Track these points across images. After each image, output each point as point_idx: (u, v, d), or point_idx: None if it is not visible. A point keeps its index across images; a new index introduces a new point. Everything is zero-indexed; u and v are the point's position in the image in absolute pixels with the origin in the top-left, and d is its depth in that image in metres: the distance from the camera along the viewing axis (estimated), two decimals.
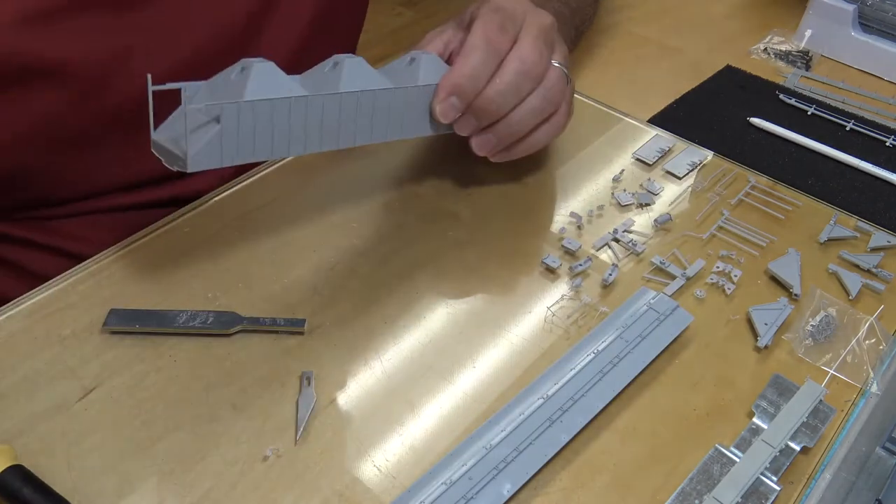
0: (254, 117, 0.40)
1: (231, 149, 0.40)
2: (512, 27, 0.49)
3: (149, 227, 0.52)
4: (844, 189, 0.60)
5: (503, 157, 0.53)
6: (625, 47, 0.76)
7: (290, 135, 0.42)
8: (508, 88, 0.48)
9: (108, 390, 0.42)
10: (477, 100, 0.48)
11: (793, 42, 0.78)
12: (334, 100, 0.43)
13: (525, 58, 0.48)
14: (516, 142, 0.52)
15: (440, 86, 0.48)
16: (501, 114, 0.49)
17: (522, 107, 0.50)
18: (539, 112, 0.51)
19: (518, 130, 0.51)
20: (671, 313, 0.46)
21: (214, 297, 0.48)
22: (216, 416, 0.41)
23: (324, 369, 0.44)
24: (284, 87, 0.41)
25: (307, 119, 0.43)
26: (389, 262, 0.51)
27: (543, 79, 0.50)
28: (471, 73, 0.47)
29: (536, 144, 0.53)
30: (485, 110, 0.49)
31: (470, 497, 0.37)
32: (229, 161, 0.40)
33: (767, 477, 0.40)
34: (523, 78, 0.48)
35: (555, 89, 0.50)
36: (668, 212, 0.56)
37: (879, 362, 0.47)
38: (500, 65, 0.48)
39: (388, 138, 0.48)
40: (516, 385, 0.44)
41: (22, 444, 0.39)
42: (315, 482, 0.39)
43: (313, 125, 0.43)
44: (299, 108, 0.42)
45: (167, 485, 0.38)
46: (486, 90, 0.48)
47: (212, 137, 0.39)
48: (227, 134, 0.39)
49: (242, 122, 0.40)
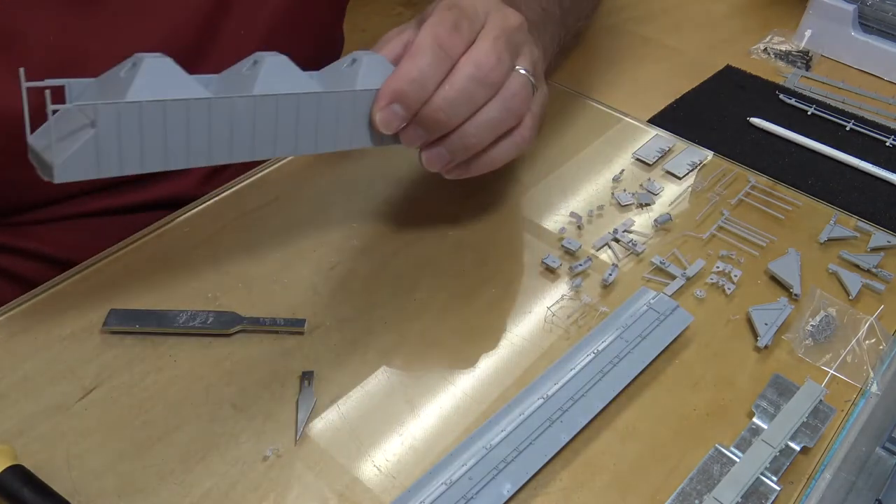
0: (140, 121, 0.34)
1: (111, 157, 0.34)
2: (469, 27, 0.44)
3: (148, 228, 0.52)
4: (844, 189, 0.60)
5: (458, 175, 0.47)
6: (625, 47, 0.76)
7: (189, 143, 0.36)
8: (460, 96, 0.42)
9: (108, 390, 0.42)
10: (424, 108, 0.42)
11: (793, 42, 0.78)
12: (246, 104, 0.37)
13: (480, 62, 0.43)
14: (472, 157, 0.46)
15: (381, 91, 0.42)
16: (453, 125, 0.43)
17: (478, 118, 0.44)
18: (497, 124, 0.45)
19: (473, 144, 0.45)
20: (671, 313, 0.46)
21: (214, 297, 0.48)
22: (216, 416, 0.41)
23: (324, 369, 0.44)
24: (183, 87, 0.35)
25: (212, 125, 0.36)
26: (389, 262, 0.51)
27: (502, 87, 0.44)
28: (416, 77, 0.41)
29: (496, 161, 0.47)
30: (433, 120, 0.43)
31: (470, 497, 0.37)
32: (110, 171, 0.34)
33: (767, 477, 0.40)
34: (477, 85, 0.43)
35: (516, 99, 0.44)
36: (668, 212, 0.56)
37: (879, 362, 0.47)
38: (451, 69, 0.43)
39: (320, 150, 0.42)
40: (516, 385, 0.44)
41: (22, 444, 0.39)
42: (315, 482, 0.39)
43: (220, 133, 0.37)
44: (200, 112, 0.36)
45: (167, 485, 0.38)
46: (433, 98, 0.42)
47: (84, 143, 0.33)
48: (105, 140, 0.33)
49: (125, 127, 0.34)
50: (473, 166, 0.47)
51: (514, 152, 0.47)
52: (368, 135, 0.43)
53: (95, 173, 0.34)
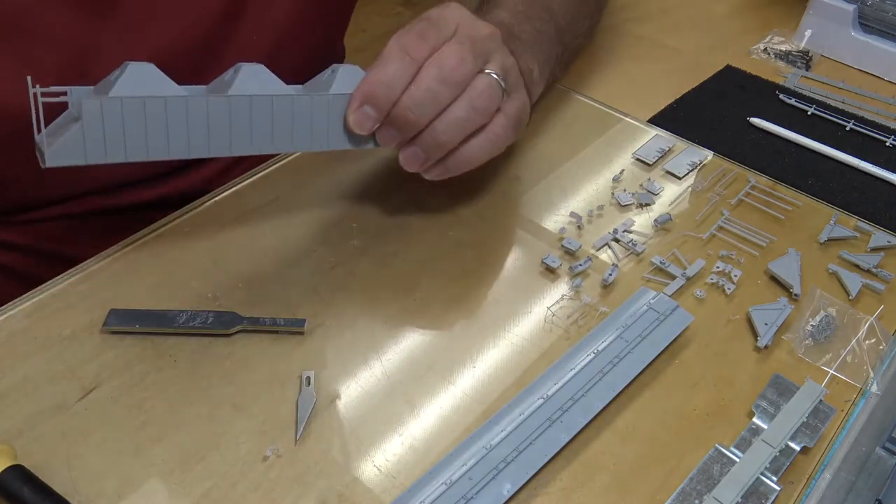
0: (122, 115, 0.38)
1: (96, 147, 0.39)
2: (435, 35, 0.47)
3: (148, 228, 0.52)
4: (844, 189, 0.60)
5: (438, 174, 0.49)
6: (625, 47, 0.76)
7: (168, 137, 0.40)
8: (425, 95, 0.45)
9: (108, 390, 0.42)
10: (394, 109, 0.45)
11: (793, 42, 0.78)
12: (221, 103, 0.41)
13: (443, 63, 0.45)
14: (447, 156, 0.48)
15: (353, 95, 0.45)
16: (422, 123, 0.46)
17: (446, 116, 0.46)
18: (465, 122, 0.47)
19: (444, 142, 0.47)
20: (671, 313, 0.46)
21: (214, 297, 0.48)
22: (216, 416, 0.41)
23: (324, 369, 0.44)
24: (163, 87, 0.40)
25: (189, 122, 0.41)
26: (389, 262, 0.51)
27: (468, 86, 0.47)
28: (384, 80, 0.45)
29: (472, 159, 0.49)
30: (403, 119, 0.46)
31: (470, 497, 0.37)
32: (96, 159, 0.39)
33: (767, 477, 0.40)
34: (440, 83, 0.45)
35: (482, 97, 0.47)
36: (668, 212, 0.56)
37: (879, 362, 0.47)
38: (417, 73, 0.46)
39: (298, 149, 0.46)
40: (516, 385, 0.44)
41: (22, 444, 0.39)
42: (315, 482, 0.39)
43: (197, 128, 0.41)
44: (177, 109, 0.40)
45: (167, 485, 0.38)
46: (402, 98, 0.45)
47: (71, 134, 0.38)
48: (90, 131, 0.38)
49: (109, 120, 0.38)
50: (451, 165, 0.49)
51: (488, 150, 0.49)
52: (346, 137, 0.47)
53: (83, 160, 0.39)
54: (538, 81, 0.57)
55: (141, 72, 0.39)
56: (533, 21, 0.59)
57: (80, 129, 0.38)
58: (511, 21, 0.57)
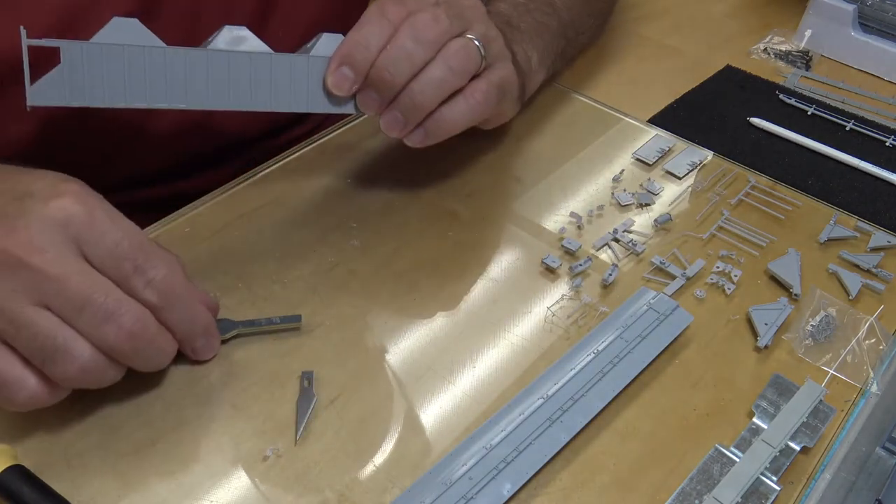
0: (102, 61, 0.40)
1: (77, 89, 0.40)
2: (414, 2, 0.47)
3: (148, 228, 0.52)
4: (844, 189, 0.60)
5: (419, 140, 0.49)
6: (625, 47, 0.76)
7: (146, 85, 0.42)
8: (399, 53, 0.46)
9: (108, 390, 0.42)
10: (371, 71, 0.46)
11: (793, 42, 0.78)
12: (199, 55, 0.43)
13: (416, 23, 0.46)
14: (426, 119, 0.49)
15: (332, 57, 0.46)
16: (398, 83, 0.46)
17: (422, 76, 0.47)
18: (441, 82, 0.47)
19: (421, 102, 0.47)
20: (671, 313, 0.46)
21: (215, 296, 0.47)
22: (216, 416, 0.41)
23: (324, 369, 0.44)
24: (143, 39, 0.41)
25: (167, 72, 0.42)
26: (389, 262, 0.51)
27: (443, 47, 0.47)
28: (361, 41, 0.46)
29: (451, 123, 0.49)
30: (380, 80, 0.46)
31: (470, 497, 0.37)
32: (77, 101, 0.41)
33: (767, 477, 0.40)
34: (414, 42, 0.46)
35: (457, 57, 0.47)
36: (668, 212, 0.56)
37: (879, 362, 0.47)
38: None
39: (278, 108, 0.46)
40: (516, 385, 0.44)
41: (22, 444, 0.39)
42: (315, 482, 0.39)
43: (175, 79, 0.43)
44: (156, 58, 0.42)
45: (167, 485, 0.38)
46: (378, 59, 0.46)
47: (53, 74, 0.40)
48: (71, 73, 0.40)
49: (89, 64, 0.40)
50: (430, 128, 0.49)
51: (467, 115, 0.50)
52: (326, 99, 0.48)
53: (64, 101, 0.40)
54: (537, 69, 0.58)
55: (125, 25, 0.41)
56: (534, 13, 0.60)
57: (62, 70, 0.40)
58: (510, 12, 0.58)
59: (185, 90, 0.43)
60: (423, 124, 0.49)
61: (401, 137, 0.49)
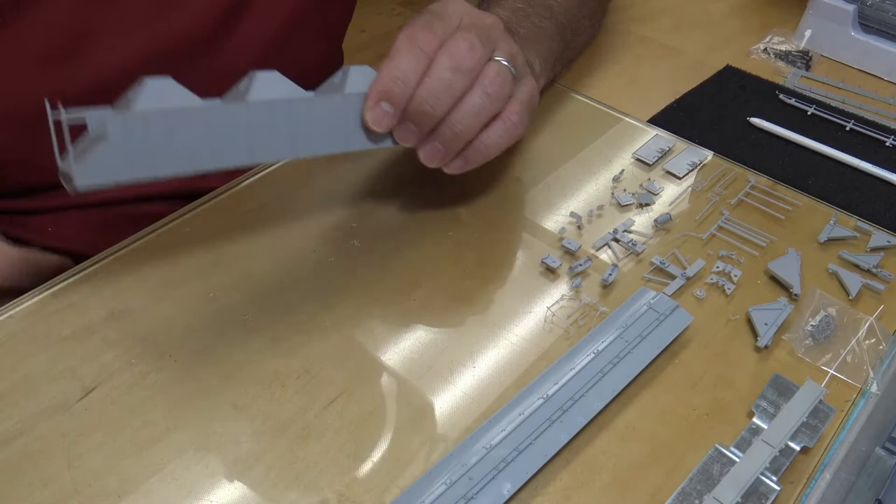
0: (146, 130, 0.38)
1: (123, 164, 0.37)
2: (441, 26, 0.47)
3: (149, 227, 0.52)
4: (844, 189, 0.60)
5: (459, 167, 0.49)
6: (625, 47, 0.76)
7: (193, 149, 0.40)
8: (440, 85, 0.45)
9: (108, 390, 0.42)
10: (410, 103, 0.45)
11: (793, 42, 0.78)
12: (240, 111, 0.41)
13: (453, 52, 0.45)
14: (466, 146, 0.48)
15: (368, 93, 0.45)
16: (438, 115, 0.46)
17: (462, 106, 0.46)
18: (481, 110, 0.47)
19: (462, 132, 0.47)
20: (671, 313, 0.46)
21: (215, 297, 0.48)
22: (216, 416, 0.41)
23: (324, 369, 0.44)
24: (183, 99, 0.39)
25: (212, 132, 0.40)
26: (389, 262, 0.51)
27: (480, 74, 0.47)
28: (397, 74, 0.45)
29: (492, 147, 0.49)
30: (420, 113, 0.46)
31: (470, 497, 0.37)
32: (126, 178, 0.38)
33: (767, 477, 0.40)
34: (453, 73, 0.45)
35: (494, 84, 0.47)
36: (668, 212, 0.56)
37: (879, 362, 0.47)
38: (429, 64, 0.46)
39: (319, 152, 0.45)
40: (516, 385, 0.44)
41: (22, 444, 0.39)
42: (315, 482, 0.39)
43: (220, 138, 0.40)
44: (199, 119, 0.39)
45: (167, 485, 0.38)
46: (417, 91, 0.45)
47: (97, 153, 0.36)
48: (115, 149, 0.37)
49: (133, 136, 0.37)
50: (470, 156, 0.49)
51: (506, 138, 0.49)
52: (364, 136, 0.47)
53: (112, 180, 0.37)
54: (540, 75, 0.58)
55: (161, 86, 0.38)
56: (532, 18, 0.60)
57: (107, 147, 0.37)
58: (510, 17, 0.58)
59: (230, 147, 0.41)
60: (462, 152, 0.49)
61: (440, 167, 0.49)
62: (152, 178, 0.39)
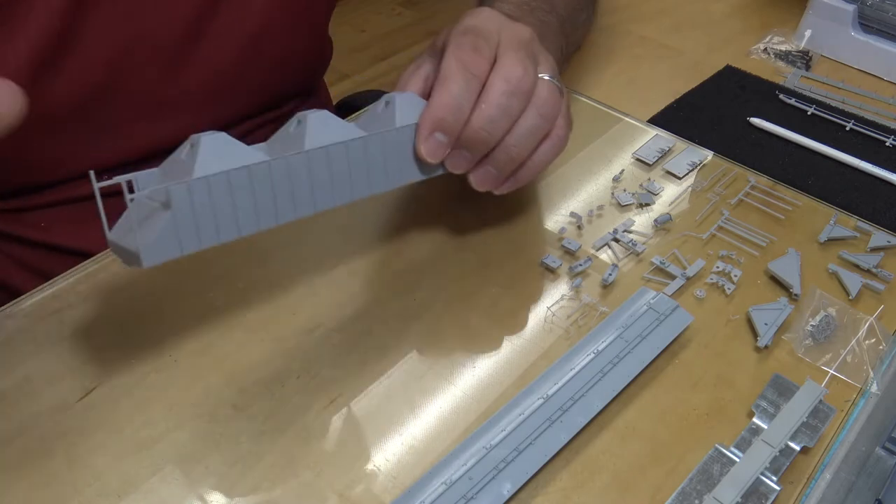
0: (209, 195, 0.36)
1: (189, 234, 0.35)
2: (487, 47, 0.45)
3: None
4: (844, 189, 0.60)
5: (509, 188, 0.48)
6: (624, 47, 0.76)
7: (256, 207, 0.38)
8: (498, 112, 0.44)
9: (108, 390, 0.42)
10: (465, 131, 0.44)
11: (793, 42, 0.78)
12: (300, 160, 0.39)
13: (510, 76, 0.44)
14: (518, 168, 0.48)
15: (421, 123, 0.44)
16: (494, 141, 0.45)
17: (517, 129, 0.45)
18: (536, 131, 0.46)
19: (517, 155, 0.46)
20: (671, 313, 0.46)
21: (215, 297, 0.48)
22: (216, 416, 0.41)
23: (324, 369, 0.44)
24: (241, 155, 0.37)
25: (274, 187, 0.38)
26: (389, 262, 0.51)
27: (533, 95, 0.46)
28: (452, 103, 0.43)
29: (541, 165, 0.48)
30: (476, 141, 0.44)
31: (470, 497, 0.37)
32: (191, 248, 0.36)
33: (767, 477, 0.40)
34: (511, 98, 0.44)
35: (548, 104, 0.46)
36: (668, 212, 0.56)
37: (879, 362, 0.47)
38: (482, 89, 0.44)
39: (373, 192, 0.43)
40: (516, 385, 0.44)
41: (22, 443, 0.39)
42: (315, 482, 0.39)
43: (282, 192, 0.39)
44: (261, 175, 0.37)
45: (167, 485, 0.38)
46: (473, 119, 0.44)
47: (164, 225, 0.34)
48: (181, 218, 0.35)
49: (197, 203, 0.35)
50: (521, 176, 0.48)
51: (554, 154, 0.49)
52: (417, 168, 0.45)
53: (178, 252, 0.36)
54: None
55: (215, 143, 0.36)
56: (536, 12, 0.59)
57: (172, 218, 0.34)
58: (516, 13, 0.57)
59: (292, 201, 0.39)
60: (514, 173, 0.48)
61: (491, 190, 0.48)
62: (217, 243, 0.37)
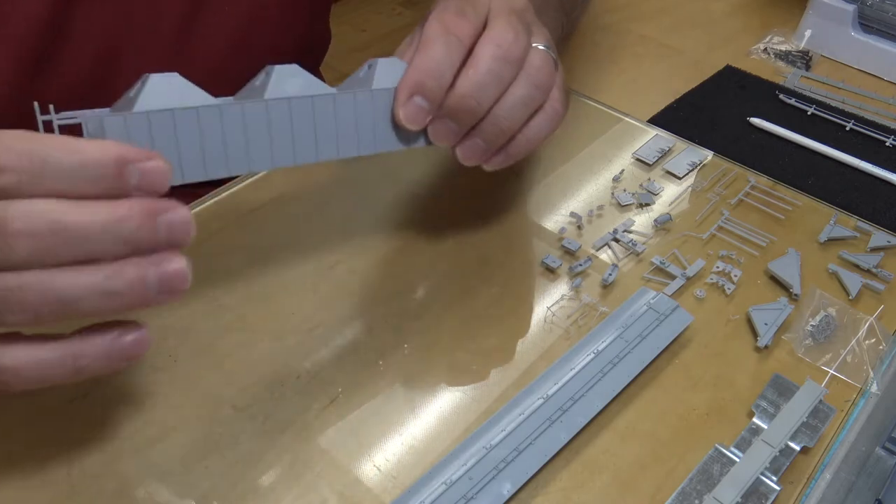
0: (149, 133, 0.33)
1: None
2: (473, 12, 0.43)
3: None
4: (844, 189, 0.60)
5: (500, 163, 0.46)
6: (625, 47, 0.76)
7: (204, 153, 0.35)
8: (487, 77, 0.41)
9: (107, 390, 0.42)
10: (450, 98, 0.41)
11: (793, 42, 0.78)
12: (258, 109, 0.36)
13: (500, 40, 0.41)
14: (509, 140, 0.45)
15: (399, 87, 0.41)
16: (483, 110, 0.42)
17: (507, 98, 0.42)
18: (528, 101, 0.43)
19: (508, 127, 0.43)
20: (671, 313, 0.46)
21: (215, 297, 0.48)
22: (216, 417, 0.41)
23: (324, 369, 0.44)
24: (191, 97, 0.35)
25: (225, 134, 0.36)
26: (389, 262, 0.51)
27: (525, 63, 0.43)
28: (432, 66, 0.40)
29: (535, 140, 0.45)
30: (462, 109, 0.41)
31: (470, 497, 0.37)
32: None
33: (767, 477, 0.40)
34: (502, 63, 0.41)
35: (541, 73, 0.43)
36: (668, 212, 0.56)
37: (879, 362, 0.47)
38: (466, 54, 0.42)
39: (344, 155, 0.41)
40: (516, 385, 0.44)
41: (22, 444, 0.39)
42: (315, 482, 0.39)
43: (235, 141, 0.36)
44: (211, 120, 0.35)
45: (167, 485, 0.38)
46: (458, 84, 0.41)
47: None
48: None
49: (135, 138, 0.33)
50: (513, 150, 0.45)
51: (549, 128, 0.46)
52: (395, 136, 0.43)
53: None
54: None
55: (165, 83, 0.34)
56: None
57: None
58: None
59: (246, 152, 0.37)
60: (504, 147, 0.45)
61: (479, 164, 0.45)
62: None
